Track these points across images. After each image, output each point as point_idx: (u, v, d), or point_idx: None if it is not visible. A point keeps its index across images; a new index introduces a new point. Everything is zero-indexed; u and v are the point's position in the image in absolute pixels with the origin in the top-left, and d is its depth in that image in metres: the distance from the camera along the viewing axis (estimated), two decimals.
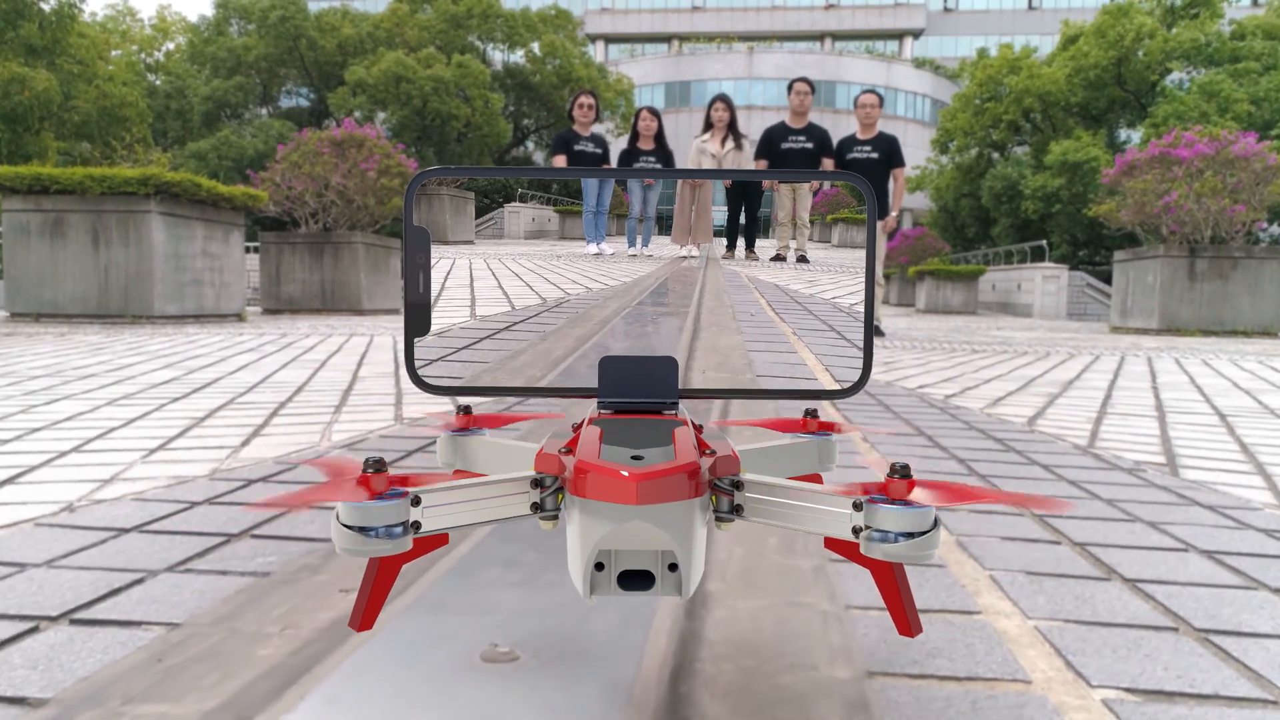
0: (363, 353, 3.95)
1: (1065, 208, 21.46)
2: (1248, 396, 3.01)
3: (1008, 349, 5.66)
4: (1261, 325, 8.89)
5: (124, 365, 3.17)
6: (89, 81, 16.73)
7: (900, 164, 6.77)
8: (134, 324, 6.40)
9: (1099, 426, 2.20)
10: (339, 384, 2.70)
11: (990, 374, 3.58)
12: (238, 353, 3.91)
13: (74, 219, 6.50)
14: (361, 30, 25.20)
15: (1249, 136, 9.01)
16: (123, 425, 1.95)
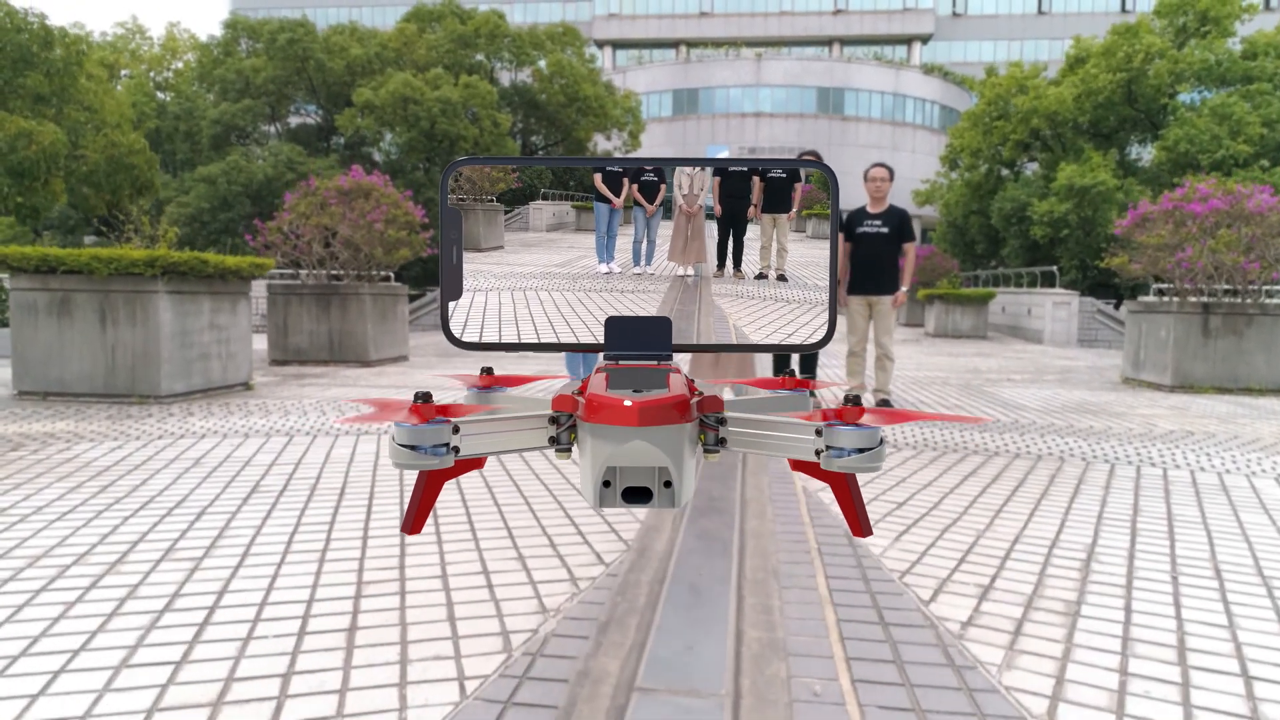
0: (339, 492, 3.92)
1: (1074, 232, 21.26)
2: None
3: (1016, 436, 5.60)
4: (1276, 382, 8.79)
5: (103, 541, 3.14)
6: (97, 130, 16.72)
7: (910, 239, 6.71)
8: (141, 404, 6.40)
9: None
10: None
11: (990, 538, 3.55)
12: (229, 487, 3.89)
13: (81, 298, 6.50)
14: (369, 50, 25.18)
15: (1264, 191, 8.91)
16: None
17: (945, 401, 7.60)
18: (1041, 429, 6.06)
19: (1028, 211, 22.63)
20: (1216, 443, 5.64)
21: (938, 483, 4.15)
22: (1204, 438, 5.84)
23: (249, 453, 4.58)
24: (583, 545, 3.01)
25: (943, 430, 5.81)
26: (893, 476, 4.27)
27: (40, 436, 4.99)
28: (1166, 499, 3.93)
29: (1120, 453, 5.13)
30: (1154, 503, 3.84)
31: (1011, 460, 4.84)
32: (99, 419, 5.72)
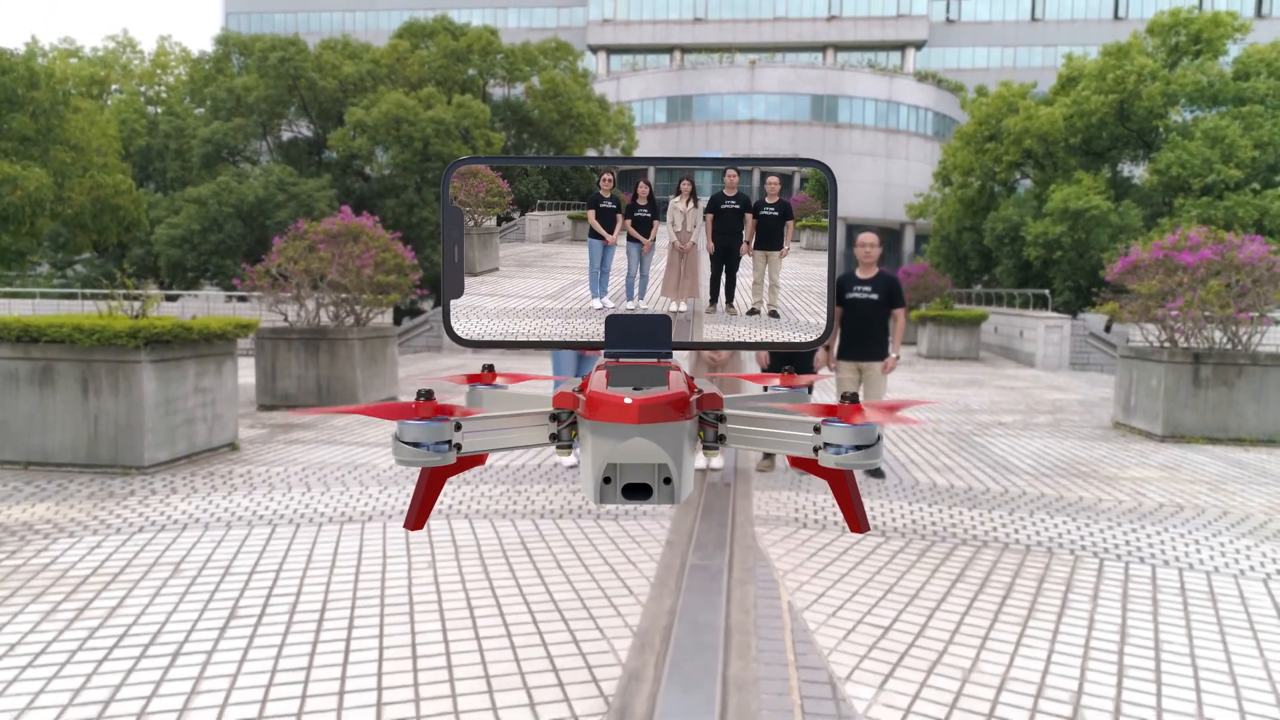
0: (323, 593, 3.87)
1: (1067, 254, 21.26)
2: None
3: (1006, 515, 5.57)
4: (1267, 433, 8.79)
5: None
6: (84, 171, 16.55)
7: (900, 304, 6.68)
8: (124, 475, 6.33)
9: None
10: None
11: (976, 682, 3.51)
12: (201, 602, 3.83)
13: (63, 367, 6.43)
14: (361, 68, 25.04)
15: (1254, 241, 8.90)
16: None
17: (936, 460, 7.57)
18: (1032, 502, 6.03)
19: (1021, 232, 22.62)
20: (1206, 521, 5.61)
21: (925, 594, 4.12)
22: (1193, 514, 5.81)
23: (229, 554, 4.52)
24: (561, 703, 2.97)
25: (933, 507, 5.77)
26: (880, 584, 4.23)
27: (18, 529, 4.92)
28: (1154, 617, 3.89)
29: (1109, 540, 5.09)
30: (1142, 625, 3.80)
31: (1001, 553, 4.80)
32: (80, 498, 5.65)
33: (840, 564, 4.53)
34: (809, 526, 5.24)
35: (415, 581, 4.13)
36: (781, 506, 5.72)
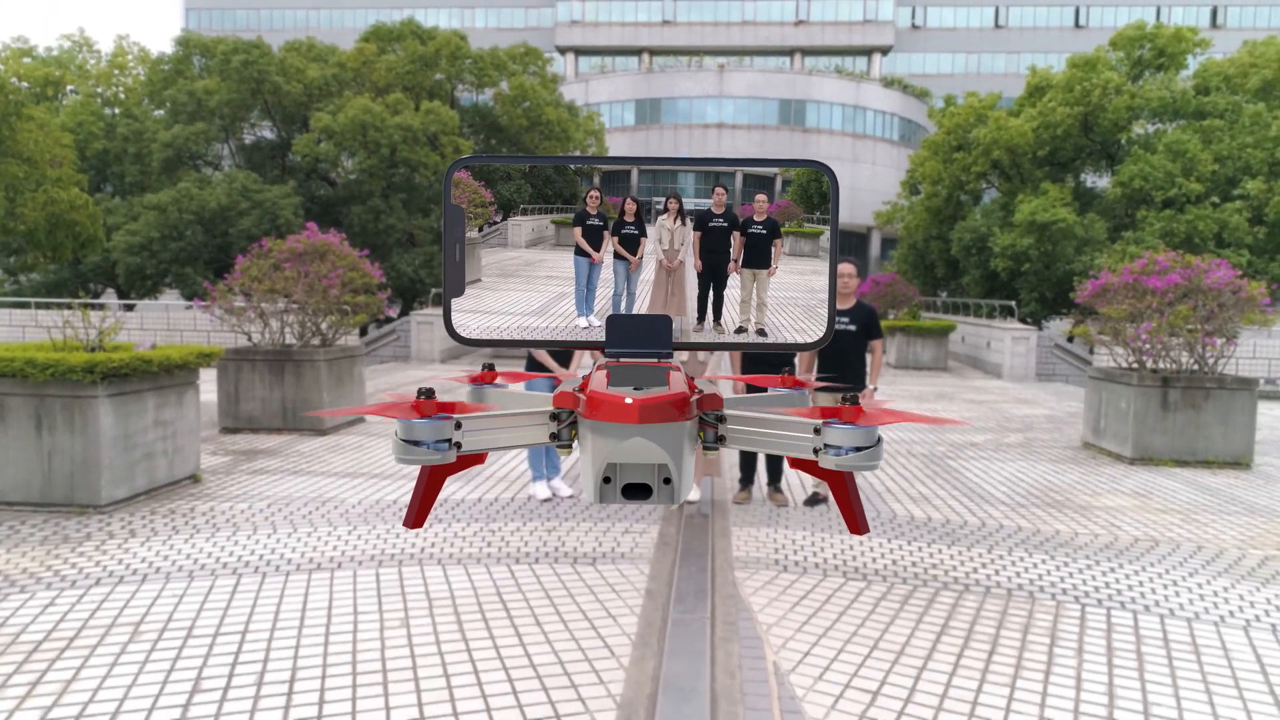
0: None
1: (1034, 265, 21.51)
2: None
3: (985, 553, 5.54)
4: (1233, 456, 8.91)
5: None
6: (37, 185, 15.96)
7: (878, 336, 6.64)
8: (81, 515, 6.09)
9: None
10: None
11: None
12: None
13: (15, 402, 6.17)
14: (327, 72, 24.58)
15: (1221, 266, 9.02)
16: None
17: (912, 489, 7.55)
18: (1010, 537, 6.02)
19: (989, 243, 22.86)
20: (1182, 559, 5.64)
21: (910, 649, 4.06)
22: (1169, 550, 5.84)
23: (191, 612, 4.33)
24: None
25: (913, 544, 5.73)
26: (865, 639, 4.16)
27: None
28: (1140, 674, 3.87)
29: (1089, 583, 5.08)
30: (1129, 683, 3.78)
31: (984, 599, 4.77)
32: (33, 543, 5.42)
33: (824, 615, 4.46)
34: (790, 570, 5.17)
35: (388, 644, 3.99)
36: (761, 546, 5.65)
